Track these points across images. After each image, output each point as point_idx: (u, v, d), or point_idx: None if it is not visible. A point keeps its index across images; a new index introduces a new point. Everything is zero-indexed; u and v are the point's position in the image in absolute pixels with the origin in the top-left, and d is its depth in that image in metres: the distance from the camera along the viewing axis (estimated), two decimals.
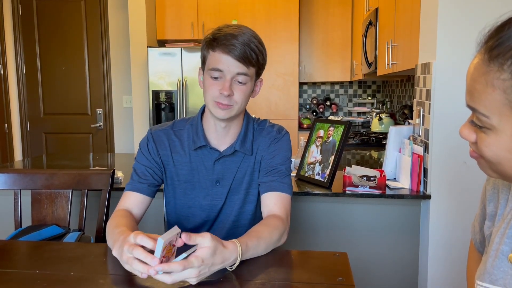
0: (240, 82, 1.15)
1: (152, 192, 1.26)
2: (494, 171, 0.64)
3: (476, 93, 0.60)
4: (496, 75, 0.57)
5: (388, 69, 2.66)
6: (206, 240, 0.88)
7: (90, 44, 4.20)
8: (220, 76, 1.14)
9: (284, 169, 1.25)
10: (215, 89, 1.15)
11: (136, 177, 1.25)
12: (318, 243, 1.91)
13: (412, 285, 1.91)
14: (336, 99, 4.83)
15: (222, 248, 0.92)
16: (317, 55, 4.46)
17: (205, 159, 1.25)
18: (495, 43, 0.58)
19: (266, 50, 1.21)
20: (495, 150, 0.61)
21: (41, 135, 4.39)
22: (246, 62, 1.13)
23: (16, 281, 0.94)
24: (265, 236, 1.07)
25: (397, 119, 3.61)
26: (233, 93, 1.15)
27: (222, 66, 1.13)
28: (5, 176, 1.55)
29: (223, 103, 1.15)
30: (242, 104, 1.19)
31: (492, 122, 0.60)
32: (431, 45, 1.74)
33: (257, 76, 1.22)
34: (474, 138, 0.65)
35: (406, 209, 1.87)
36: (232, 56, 1.11)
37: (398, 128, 1.99)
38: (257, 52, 1.15)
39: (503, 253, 0.67)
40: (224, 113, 1.17)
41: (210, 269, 0.90)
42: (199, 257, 0.86)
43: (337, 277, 0.94)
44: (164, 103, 3.95)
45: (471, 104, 0.62)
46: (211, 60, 1.15)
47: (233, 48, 1.11)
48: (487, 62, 0.59)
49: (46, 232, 1.45)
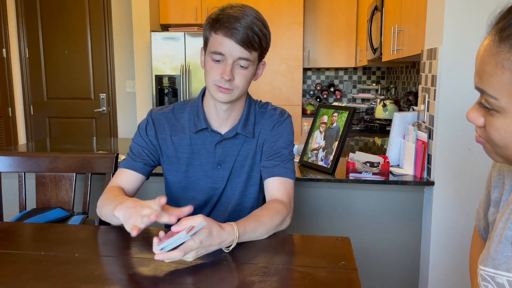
0: (242, 66, 1.13)
1: (146, 171, 1.26)
2: (500, 156, 0.64)
3: (485, 75, 0.60)
4: (507, 56, 0.57)
5: (394, 54, 2.63)
6: (198, 219, 0.90)
7: (93, 28, 4.18)
8: (222, 60, 1.12)
9: (286, 153, 1.25)
10: (216, 73, 1.13)
11: (131, 155, 1.25)
12: (321, 229, 1.92)
13: (414, 270, 1.93)
14: (340, 85, 4.81)
15: (219, 229, 0.94)
16: (321, 40, 4.42)
17: (206, 141, 1.25)
18: (506, 24, 0.57)
19: (270, 33, 1.19)
20: (503, 133, 0.60)
21: (45, 119, 4.39)
22: (248, 47, 1.11)
23: (21, 262, 0.95)
24: (265, 220, 1.08)
25: (402, 106, 3.59)
26: (234, 78, 1.13)
27: (223, 50, 1.11)
28: (9, 159, 1.56)
29: (224, 87, 1.14)
30: (243, 89, 1.17)
31: (501, 104, 0.59)
32: (438, 30, 1.71)
33: (260, 60, 1.20)
34: (482, 121, 0.64)
35: (409, 196, 1.87)
36: (234, 40, 1.09)
37: (403, 114, 1.97)
38: (260, 36, 1.13)
39: (507, 238, 0.67)
40: (225, 96, 1.15)
41: (207, 250, 0.93)
42: (196, 239, 0.89)
43: (339, 261, 0.94)
44: (167, 88, 3.93)
45: (480, 85, 0.61)
46: (213, 43, 1.13)
47: (235, 31, 1.09)
48: (498, 43, 0.58)
49: (50, 215, 1.46)
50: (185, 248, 0.88)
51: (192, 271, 0.90)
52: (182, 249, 0.88)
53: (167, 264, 0.93)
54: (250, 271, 0.90)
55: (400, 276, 1.93)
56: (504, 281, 0.65)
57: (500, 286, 0.65)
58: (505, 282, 0.64)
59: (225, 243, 0.96)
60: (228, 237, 0.96)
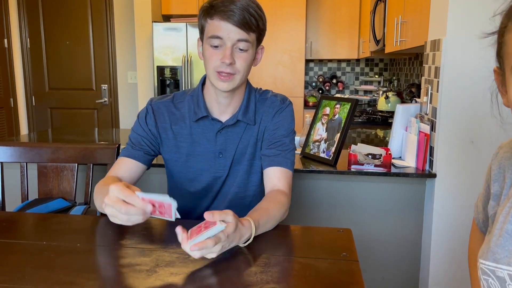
0: (241, 49, 1.12)
1: (146, 160, 1.24)
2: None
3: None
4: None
5: (397, 46, 2.61)
6: (229, 216, 0.88)
7: (94, 18, 4.16)
8: (220, 44, 1.11)
9: (287, 141, 1.24)
10: (216, 59, 1.12)
11: (131, 144, 1.24)
12: (323, 221, 1.92)
13: (415, 262, 1.93)
14: (343, 77, 4.78)
15: (240, 226, 0.92)
16: (324, 31, 4.39)
17: (207, 130, 1.24)
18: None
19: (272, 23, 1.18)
20: None
21: (46, 110, 4.39)
22: (246, 28, 1.10)
23: (24, 251, 0.95)
24: (274, 213, 1.08)
25: (404, 98, 3.57)
26: (234, 61, 1.12)
27: (221, 33, 1.09)
28: (11, 149, 1.56)
29: (225, 72, 1.12)
30: (244, 73, 1.15)
31: None
32: (442, 21, 1.70)
33: (258, 43, 1.18)
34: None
35: (411, 188, 1.87)
36: (231, 22, 1.08)
37: (406, 106, 1.96)
38: (257, 17, 1.11)
39: (507, 232, 0.66)
40: (226, 85, 1.14)
41: (230, 245, 0.91)
42: (225, 233, 0.87)
43: (341, 253, 0.94)
44: (169, 79, 3.92)
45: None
46: (210, 28, 1.11)
47: (231, 14, 1.08)
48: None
49: (52, 205, 1.47)
50: (217, 240, 0.85)
51: (193, 262, 0.90)
52: (214, 240, 0.84)
53: (169, 254, 0.93)
54: (251, 261, 0.90)
55: (401, 267, 1.94)
56: (505, 274, 0.64)
57: (501, 280, 0.65)
58: (506, 276, 0.64)
59: (243, 239, 0.95)
60: (246, 232, 0.95)
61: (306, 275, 0.85)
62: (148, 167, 1.27)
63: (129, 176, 1.20)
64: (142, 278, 0.85)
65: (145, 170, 1.26)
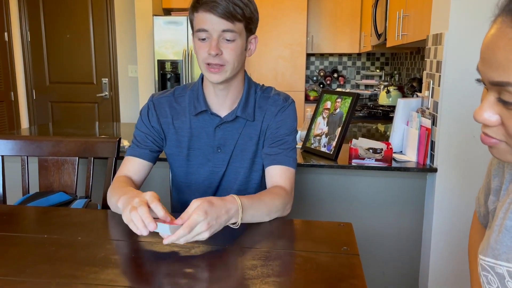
0: (228, 40, 1.11)
1: (153, 158, 1.26)
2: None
3: (507, 63, 0.52)
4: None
5: (398, 40, 2.60)
6: (193, 203, 0.89)
7: (95, 12, 4.14)
8: (207, 37, 1.11)
9: (290, 140, 1.24)
10: (204, 51, 1.12)
11: (137, 143, 1.25)
12: (323, 215, 1.92)
13: (416, 256, 1.93)
14: (344, 71, 4.77)
15: (218, 199, 0.93)
16: (325, 25, 4.37)
17: (206, 125, 1.24)
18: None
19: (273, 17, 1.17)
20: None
21: (47, 104, 4.39)
22: (230, 18, 1.09)
23: (25, 244, 0.96)
24: (267, 200, 1.07)
25: (405, 92, 3.56)
26: (221, 52, 1.12)
27: (206, 26, 1.10)
28: (12, 143, 1.56)
29: (214, 63, 1.12)
30: (234, 64, 1.15)
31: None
32: (444, 15, 1.69)
33: (249, 32, 1.17)
34: (496, 119, 0.56)
35: (412, 182, 1.87)
36: (215, 13, 1.08)
37: (407, 100, 1.96)
38: (242, 6, 1.10)
39: (507, 228, 0.66)
40: (217, 76, 1.14)
41: (218, 221, 0.90)
42: (200, 210, 0.86)
43: (341, 247, 0.95)
44: (170, 73, 3.91)
45: (500, 78, 0.53)
46: (196, 22, 1.12)
47: (214, 5, 1.08)
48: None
49: (53, 199, 1.47)
50: (191, 223, 0.85)
51: (194, 255, 0.91)
52: (188, 225, 0.85)
53: (170, 247, 0.93)
54: (252, 255, 0.91)
55: (401, 261, 1.94)
56: (504, 271, 0.64)
57: (500, 276, 0.64)
58: (505, 273, 0.64)
59: (231, 212, 0.95)
60: (232, 205, 0.95)
61: (306, 269, 0.85)
62: (154, 163, 1.28)
63: (138, 176, 1.24)
64: (143, 271, 0.85)
65: (152, 166, 1.28)
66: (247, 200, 1.01)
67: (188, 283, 0.80)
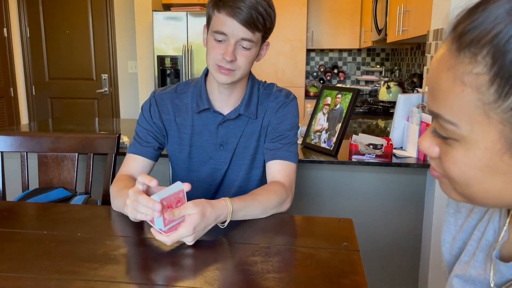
0: (244, 47, 1.10)
1: (155, 156, 1.25)
2: (459, 194, 0.52)
3: (441, 94, 0.47)
4: (468, 69, 0.44)
5: (399, 35, 2.59)
6: (189, 208, 0.90)
7: (94, 8, 4.12)
8: (224, 40, 1.09)
9: (291, 135, 1.23)
10: (218, 52, 1.10)
11: (139, 140, 1.24)
12: (323, 211, 1.92)
13: (416, 252, 1.94)
14: (344, 67, 4.76)
15: (211, 209, 0.93)
16: (325, 21, 4.36)
17: (209, 122, 1.24)
18: (466, 28, 0.45)
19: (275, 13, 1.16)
20: (463, 168, 0.48)
21: (46, 100, 4.38)
22: (252, 27, 1.08)
23: (25, 240, 0.96)
24: (261, 198, 1.07)
25: (406, 88, 3.56)
26: (236, 58, 1.10)
27: (226, 30, 1.08)
28: (11, 139, 1.56)
29: (225, 67, 1.11)
30: (245, 69, 1.15)
31: (460, 131, 0.46)
32: (445, 10, 1.68)
33: (263, 40, 1.17)
34: (437, 152, 0.51)
35: (412, 178, 1.87)
36: (237, 20, 1.06)
37: (407, 96, 1.95)
38: (265, 16, 1.09)
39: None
40: (226, 78, 1.13)
41: (204, 230, 0.93)
42: (190, 225, 0.88)
43: (341, 242, 0.94)
44: (170, 69, 3.90)
45: (434, 108, 0.49)
46: (216, 22, 1.10)
47: (239, 11, 1.05)
48: (456, 52, 0.45)
49: (53, 195, 1.47)
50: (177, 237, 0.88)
51: (194, 251, 0.91)
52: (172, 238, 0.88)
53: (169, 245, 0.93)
54: (252, 251, 0.90)
55: (401, 257, 1.94)
56: None
57: None
58: None
59: (220, 218, 0.96)
60: (222, 211, 0.96)
61: (307, 265, 0.85)
62: (156, 161, 1.28)
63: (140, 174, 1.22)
64: (143, 267, 0.85)
65: (154, 164, 1.28)
66: (239, 202, 1.01)
67: (188, 279, 0.80)
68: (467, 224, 0.66)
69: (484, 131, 0.45)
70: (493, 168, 0.46)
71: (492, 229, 0.60)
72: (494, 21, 0.43)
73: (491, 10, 0.43)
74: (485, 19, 0.43)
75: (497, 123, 0.44)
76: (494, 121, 0.44)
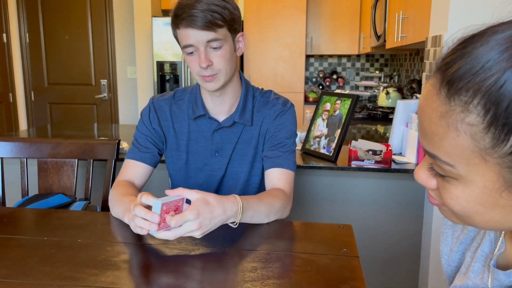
0: (215, 47, 1.11)
1: (153, 162, 1.26)
2: (460, 220, 0.52)
3: (435, 137, 0.46)
4: (460, 117, 0.42)
5: (398, 42, 2.60)
6: (192, 194, 0.91)
7: (93, 13, 4.14)
8: (194, 50, 1.11)
9: (289, 143, 1.24)
10: (195, 64, 1.12)
11: (138, 145, 1.25)
12: (323, 217, 1.92)
13: (415, 258, 1.93)
14: (343, 72, 4.78)
15: (217, 198, 0.93)
16: (324, 27, 4.38)
17: (204, 129, 1.25)
18: (456, 74, 0.43)
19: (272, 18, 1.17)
20: (464, 204, 0.48)
21: (46, 105, 4.38)
22: (211, 27, 1.08)
23: (25, 247, 0.95)
24: (267, 201, 1.08)
25: (405, 94, 3.57)
26: (212, 62, 1.12)
27: (191, 41, 1.09)
28: (11, 145, 1.56)
29: (207, 74, 1.13)
30: (227, 69, 1.15)
31: (458, 171, 0.46)
32: (443, 16, 1.69)
33: (234, 33, 1.16)
34: (434, 184, 0.51)
35: (411, 184, 1.87)
36: (195, 27, 1.07)
37: (406, 102, 1.96)
38: (220, 11, 1.09)
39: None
40: (212, 84, 1.15)
41: (212, 222, 0.92)
42: (193, 209, 0.88)
43: (341, 249, 0.95)
44: (169, 74, 3.91)
45: (429, 149, 0.48)
46: (181, 38, 1.12)
47: (194, 19, 1.07)
48: (447, 100, 0.43)
49: (53, 201, 1.47)
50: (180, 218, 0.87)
51: (194, 257, 0.91)
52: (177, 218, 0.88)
53: (170, 250, 0.93)
54: (252, 257, 0.91)
55: (401, 263, 1.94)
56: None
57: None
58: None
59: (230, 214, 0.95)
60: (232, 206, 0.96)
61: (307, 271, 0.85)
62: (155, 167, 1.28)
63: (139, 180, 1.23)
64: (143, 273, 0.85)
65: (153, 170, 1.28)
66: (248, 200, 1.02)
67: (188, 285, 0.80)
68: (464, 236, 0.67)
69: (482, 172, 0.44)
70: (493, 203, 0.46)
71: (488, 240, 0.61)
72: (483, 66, 0.41)
73: (481, 54, 0.42)
74: (475, 64, 0.42)
75: (495, 166, 0.43)
76: (491, 164, 0.43)
